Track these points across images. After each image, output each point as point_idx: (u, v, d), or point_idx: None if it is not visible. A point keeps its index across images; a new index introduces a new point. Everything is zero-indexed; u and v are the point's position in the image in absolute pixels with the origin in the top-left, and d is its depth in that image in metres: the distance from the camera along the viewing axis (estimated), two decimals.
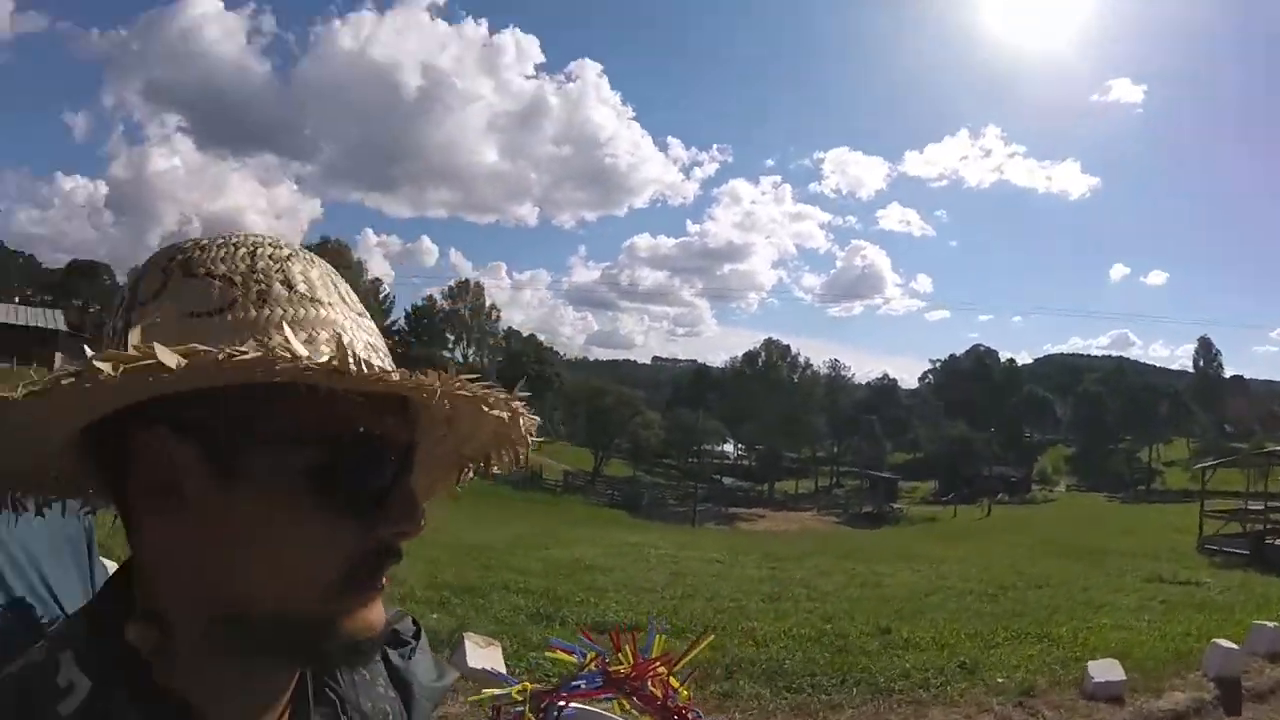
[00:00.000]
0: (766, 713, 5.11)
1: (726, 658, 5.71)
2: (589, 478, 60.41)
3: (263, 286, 0.52)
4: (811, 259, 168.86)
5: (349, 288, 0.56)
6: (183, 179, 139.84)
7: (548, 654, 1.17)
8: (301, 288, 0.52)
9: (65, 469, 0.56)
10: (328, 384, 0.46)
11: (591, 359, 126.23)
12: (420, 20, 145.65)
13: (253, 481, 0.50)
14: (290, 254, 0.54)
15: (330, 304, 0.53)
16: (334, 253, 56.05)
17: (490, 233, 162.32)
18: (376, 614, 0.54)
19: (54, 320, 53.31)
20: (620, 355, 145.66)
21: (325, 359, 0.45)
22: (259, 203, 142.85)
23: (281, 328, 0.49)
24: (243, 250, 0.53)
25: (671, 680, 0.83)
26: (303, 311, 0.52)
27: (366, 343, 0.53)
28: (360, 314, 0.56)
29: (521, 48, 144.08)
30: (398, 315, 72.72)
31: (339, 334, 0.49)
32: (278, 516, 0.50)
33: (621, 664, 0.81)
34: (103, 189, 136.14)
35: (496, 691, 0.77)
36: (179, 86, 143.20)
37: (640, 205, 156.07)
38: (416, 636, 0.78)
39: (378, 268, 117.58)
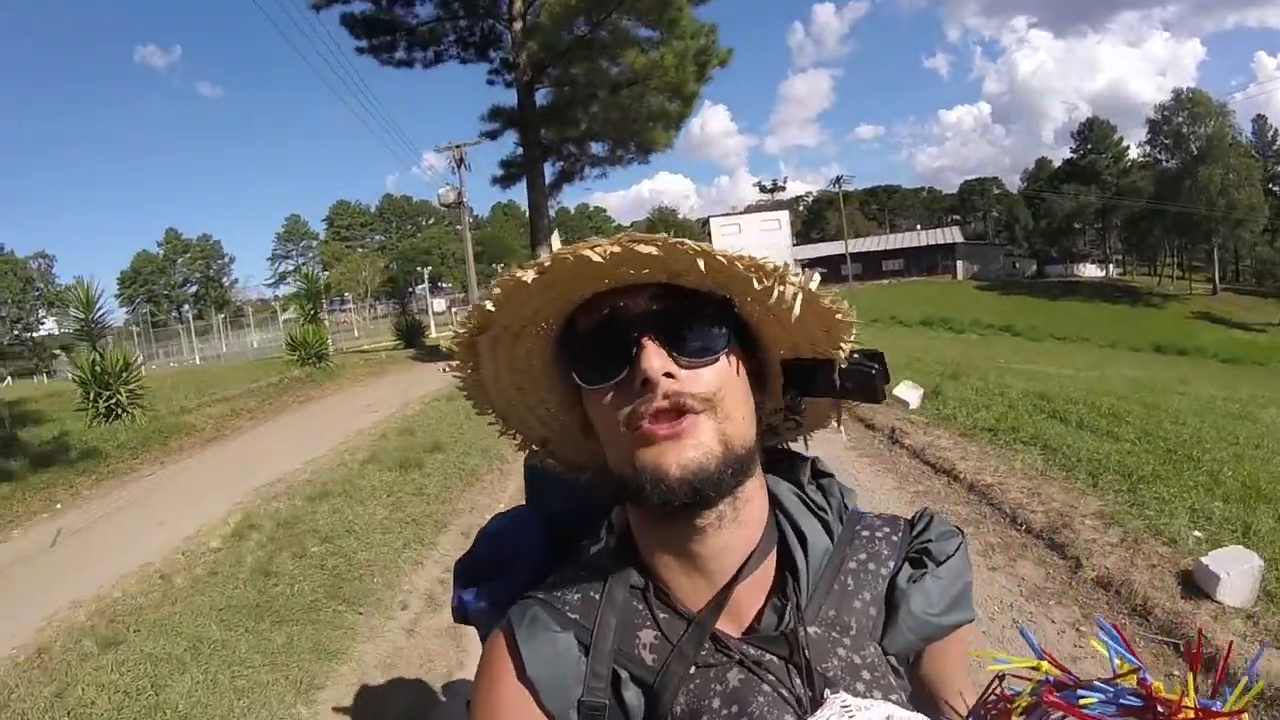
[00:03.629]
0: None
1: None
2: None
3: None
4: None
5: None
6: (1053, 70, 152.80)
7: (1093, 642, 0.60)
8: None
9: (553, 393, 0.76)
10: (551, 282, 0.60)
11: None
12: None
13: (576, 370, 0.68)
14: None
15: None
16: (1194, 101, 57.07)
17: None
18: (665, 455, 0.63)
19: (952, 236, 66.44)
20: None
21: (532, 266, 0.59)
22: (1136, 65, 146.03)
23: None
24: None
25: None
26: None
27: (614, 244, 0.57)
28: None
29: None
30: None
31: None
32: (588, 400, 0.69)
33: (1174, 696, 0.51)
34: (985, 109, 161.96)
35: (1001, 659, 0.56)
36: None
37: None
38: (938, 561, 0.75)
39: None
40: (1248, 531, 3.98)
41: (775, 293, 0.60)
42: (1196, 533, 4.06)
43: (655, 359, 0.62)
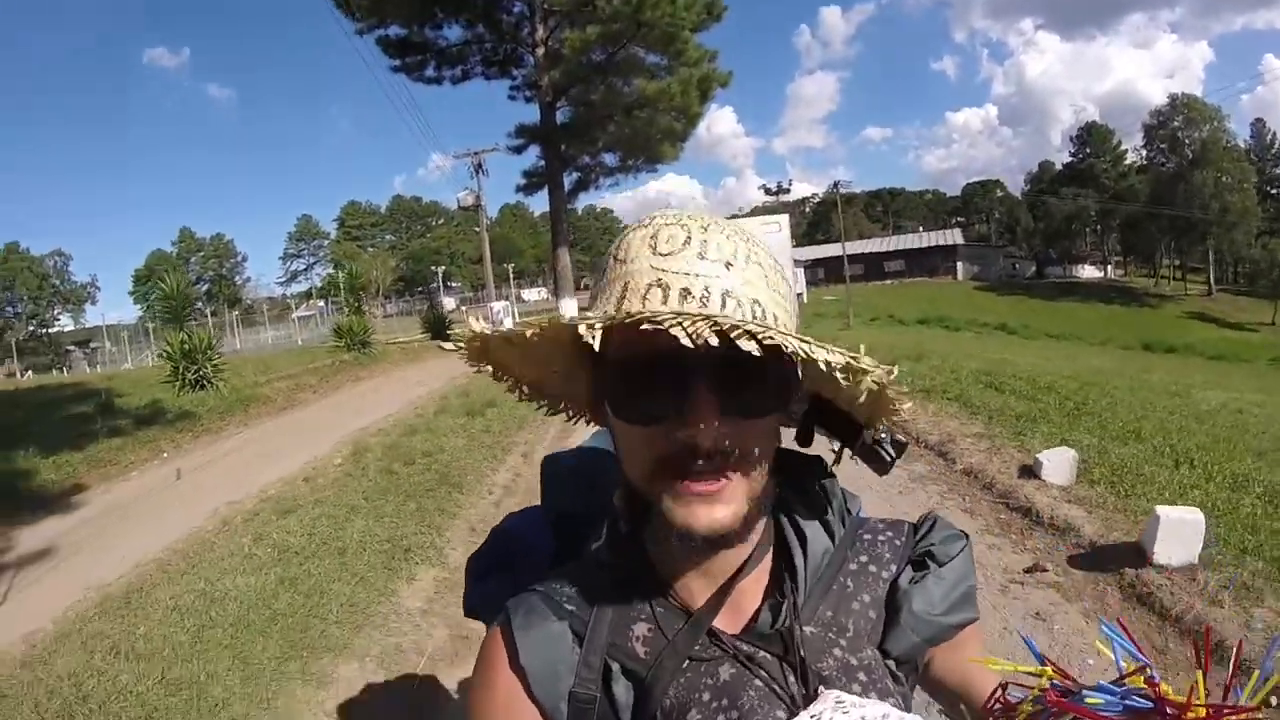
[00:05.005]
0: None
1: None
2: None
3: (606, 266, 0.67)
4: None
5: (720, 243, 0.64)
6: (1061, 72, 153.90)
7: (1097, 644, 0.57)
8: (623, 254, 0.65)
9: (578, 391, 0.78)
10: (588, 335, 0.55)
11: None
12: None
13: (605, 397, 0.67)
14: (656, 228, 0.66)
15: (654, 264, 0.62)
16: (1189, 106, 58.66)
17: None
18: (696, 512, 0.62)
19: (952, 238, 67.45)
20: None
21: (578, 319, 0.57)
22: (1144, 68, 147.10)
23: (600, 291, 0.66)
24: (635, 230, 0.67)
25: None
26: (619, 270, 0.64)
27: (651, 283, 0.61)
28: (714, 260, 0.63)
29: None
30: None
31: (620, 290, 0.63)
32: (615, 423, 0.68)
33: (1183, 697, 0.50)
34: (992, 111, 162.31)
35: (1004, 664, 0.57)
36: None
37: None
38: (940, 562, 0.75)
39: None
40: (1103, 453, 5.61)
41: (850, 385, 0.60)
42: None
43: (710, 416, 0.59)
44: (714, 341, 0.52)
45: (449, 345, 0.69)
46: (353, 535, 4.75)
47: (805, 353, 0.54)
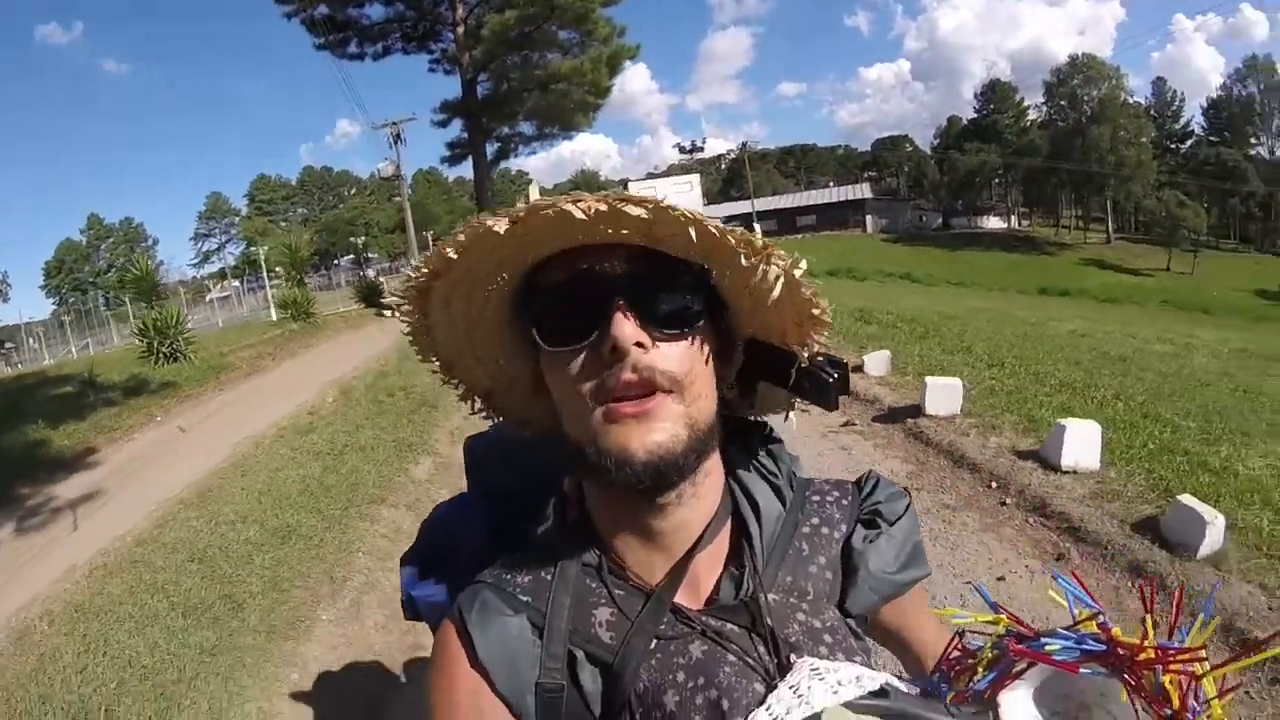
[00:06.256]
0: None
1: None
2: None
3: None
4: None
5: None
6: (975, 27, 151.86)
7: (1051, 594, 0.63)
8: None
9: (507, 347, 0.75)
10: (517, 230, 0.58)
11: None
12: None
13: (538, 329, 0.66)
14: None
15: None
16: (1088, 66, 61.72)
17: None
18: (630, 433, 0.62)
19: (861, 192, 69.48)
20: None
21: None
22: (1056, 25, 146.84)
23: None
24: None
25: (1205, 684, 0.52)
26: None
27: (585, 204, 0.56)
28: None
29: None
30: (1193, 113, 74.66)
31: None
32: (548, 365, 0.67)
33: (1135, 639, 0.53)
34: (905, 66, 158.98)
35: (961, 614, 0.60)
36: None
37: None
38: (889, 521, 0.77)
39: (1201, 57, 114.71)
40: (924, 357, 7.59)
41: (759, 271, 0.60)
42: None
43: (627, 326, 0.60)
44: (602, 208, 0.55)
45: (393, 310, 0.70)
46: (366, 439, 6.39)
47: (690, 216, 0.57)
